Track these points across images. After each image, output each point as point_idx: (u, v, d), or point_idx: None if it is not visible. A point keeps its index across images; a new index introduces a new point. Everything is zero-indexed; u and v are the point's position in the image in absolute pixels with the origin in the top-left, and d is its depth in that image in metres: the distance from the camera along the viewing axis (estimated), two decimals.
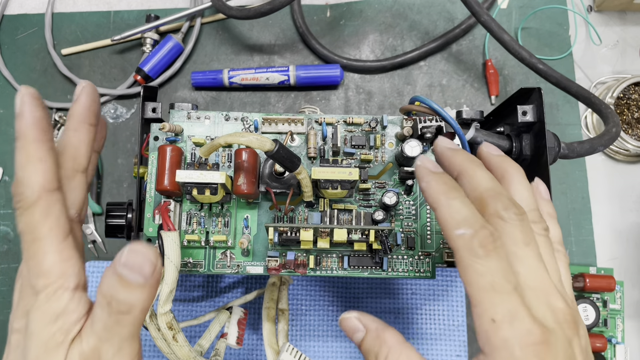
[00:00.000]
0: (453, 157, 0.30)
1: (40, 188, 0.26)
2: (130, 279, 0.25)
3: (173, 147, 0.36)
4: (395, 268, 0.38)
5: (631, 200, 0.54)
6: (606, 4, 0.57)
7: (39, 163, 0.26)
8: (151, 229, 0.37)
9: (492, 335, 0.25)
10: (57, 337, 0.25)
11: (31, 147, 0.26)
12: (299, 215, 0.38)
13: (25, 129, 0.26)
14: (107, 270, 0.25)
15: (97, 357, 0.25)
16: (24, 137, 0.26)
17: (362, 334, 0.30)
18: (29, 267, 0.26)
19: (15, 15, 0.58)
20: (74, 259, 0.26)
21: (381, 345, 0.29)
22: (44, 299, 0.25)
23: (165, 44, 0.55)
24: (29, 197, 0.25)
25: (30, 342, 0.25)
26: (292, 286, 0.51)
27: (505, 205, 0.27)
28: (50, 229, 0.26)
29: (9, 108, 0.56)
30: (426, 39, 0.58)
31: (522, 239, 0.27)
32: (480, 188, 0.28)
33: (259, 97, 0.56)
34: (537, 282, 0.27)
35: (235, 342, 0.43)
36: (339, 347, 0.50)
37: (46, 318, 0.25)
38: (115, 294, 0.25)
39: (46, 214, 0.26)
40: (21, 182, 0.26)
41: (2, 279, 0.53)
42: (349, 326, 0.31)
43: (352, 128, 0.39)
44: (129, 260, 0.25)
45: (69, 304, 0.26)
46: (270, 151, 0.32)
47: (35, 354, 0.25)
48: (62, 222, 0.26)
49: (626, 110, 0.54)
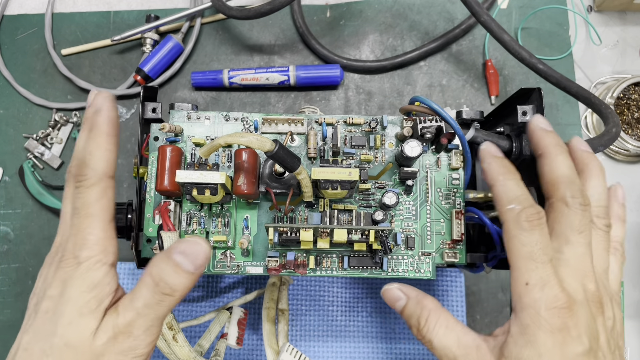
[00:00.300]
0: (543, 137, 0.33)
1: (103, 173, 0.30)
2: (184, 265, 0.29)
3: (173, 147, 0.36)
4: (395, 268, 0.38)
5: (631, 200, 0.54)
6: (606, 4, 0.57)
7: (106, 152, 0.30)
8: (151, 229, 0.37)
9: (524, 296, 0.29)
10: (91, 304, 0.28)
11: (102, 138, 0.30)
12: (299, 216, 0.38)
13: (101, 123, 0.30)
14: (160, 256, 0.29)
15: (129, 331, 0.28)
16: (97, 128, 0.30)
17: (403, 302, 0.34)
18: (75, 240, 0.29)
19: (15, 15, 0.58)
20: (114, 239, 0.30)
21: (422, 309, 0.33)
22: (85, 269, 0.29)
23: (165, 44, 0.55)
24: (92, 178, 0.29)
25: (65, 307, 0.28)
26: (292, 286, 0.51)
27: (574, 193, 0.31)
28: (102, 209, 0.30)
29: (9, 108, 0.56)
30: (426, 39, 0.58)
31: (577, 226, 0.31)
32: (558, 172, 0.32)
33: (259, 97, 0.56)
34: (576, 264, 0.30)
35: (235, 343, 0.43)
36: (339, 347, 0.50)
37: (84, 286, 0.29)
38: (165, 276, 0.29)
39: (101, 196, 0.30)
40: (87, 165, 0.30)
41: (2, 279, 0.53)
42: (391, 296, 0.35)
43: (352, 128, 0.39)
44: (186, 249, 0.29)
45: (105, 277, 0.29)
46: (270, 151, 0.32)
47: (69, 317, 0.28)
48: (111, 206, 0.31)
49: (626, 110, 0.54)
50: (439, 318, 0.32)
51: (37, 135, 0.55)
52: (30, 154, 0.55)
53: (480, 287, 0.53)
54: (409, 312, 0.34)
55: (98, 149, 0.30)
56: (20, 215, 0.54)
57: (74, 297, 0.28)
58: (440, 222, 0.38)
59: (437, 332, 0.32)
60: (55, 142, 0.56)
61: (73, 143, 0.56)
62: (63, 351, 0.28)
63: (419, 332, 0.33)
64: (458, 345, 0.31)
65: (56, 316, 0.28)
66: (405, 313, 0.34)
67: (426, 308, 0.33)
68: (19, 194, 0.55)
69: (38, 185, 0.54)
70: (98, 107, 0.31)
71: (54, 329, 0.28)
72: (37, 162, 0.55)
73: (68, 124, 0.56)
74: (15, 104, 0.56)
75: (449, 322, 0.32)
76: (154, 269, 0.29)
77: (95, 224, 0.29)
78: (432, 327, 0.32)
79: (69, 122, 0.56)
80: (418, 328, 0.33)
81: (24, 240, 0.54)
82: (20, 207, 0.55)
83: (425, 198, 0.39)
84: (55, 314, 0.29)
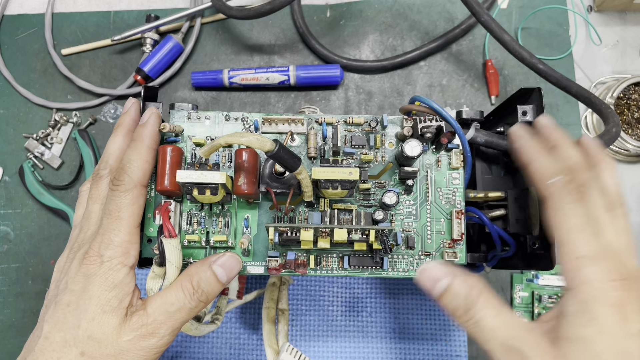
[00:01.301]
0: (554, 131, 0.33)
1: (138, 181, 0.33)
2: (220, 276, 0.33)
3: (173, 147, 0.36)
4: (395, 268, 0.38)
5: (631, 200, 0.54)
6: (606, 4, 0.57)
7: (145, 163, 0.33)
8: (152, 229, 0.37)
9: (579, 270, 0.28)
10: (113, 302, 0.31)
11: (144, 149, 0.34)
12: (299, 215, 0.38)
13: (144, 135, 0.34)
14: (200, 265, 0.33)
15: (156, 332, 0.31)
16: (141, 140, 0.34)
17: (446, 282, 0.31)
18: (102, 239, 0.31)
19: (15, 15, 0.58)
20: (137, 244, 0.33)
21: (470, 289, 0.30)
22: (107, 268, 0.31)
23: (165, 44, 0.55)
24: (128, 184, 0.32)
25: (89, 303, 0.30)
26: (292, 286, 0.51)
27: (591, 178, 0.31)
28: (131, 215, 0.32)
29: (9, 108, 0.56)
30: (426, 39, 0.58)
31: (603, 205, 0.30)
32: (573, 160, 0.31)
33: (259, 97, 0.56)
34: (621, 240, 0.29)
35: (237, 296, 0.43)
36: (339, 347, 0.50)
37: (106, 284, 0.31)
38: (204, 284, 0.32)
39: (133, 202, 0.32)
40: (125, 172, 0.32)
41: (2, 278, 0.53)
42: (429, 276, 0.32)
43: (352, 128, 0.39)
44: (225, 262, 0.33)
45: (125, 278, 0.31)
46: (270, 151, 0.32)
47: (93, 313, 0.30)
48: (140, 213, 0.33)
49: (626, 110, 0.54)
50: (490, 299, 0.30)
51: (37, 135, 0.55)
52: (30, 154, 0.55)
53: None
54: (455, 291, 0.31)
55: (139, 159, 0.33)
56: (20, 215, 0.54)
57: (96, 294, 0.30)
58: (441, 221, 0.38)
59: (487, 313, 0.29)
60: (55, 142, 0.56)
61: (73, 143, 0.56)
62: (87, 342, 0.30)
63: (467, 313, 0.30)
64: (510, 327, 0.29)
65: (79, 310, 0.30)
66: (450, 293, 0.31)
67: (475, 287, 0.30)
68: (19, 194, 0.55)
69: (38, 185, 0.54)
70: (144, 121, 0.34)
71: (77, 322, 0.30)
72: (37, 162, 0.55)
73: (68, 124, 0.56)
74: (15, 103, 0.56)
75: (499, 303, 0.30)
76: (195, 276, 0.32)
77: (123, 227, 0.32)
78: (482, 308, 0.30)
79: (69, 122, 0.56)
80: (465, 309, 0.30)
81: (24, 240, 0.54)
82: (20, 207, 0.55)
83: (426, 198, 0.39)
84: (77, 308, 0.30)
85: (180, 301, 0.32)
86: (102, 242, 0.31)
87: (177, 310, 0.31)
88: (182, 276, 0.33)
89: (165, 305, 0.31)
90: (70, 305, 0.31)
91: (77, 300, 0.31)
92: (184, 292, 0.32)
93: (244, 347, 0.50)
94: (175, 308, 0.31)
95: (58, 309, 0.31)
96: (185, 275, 0.32)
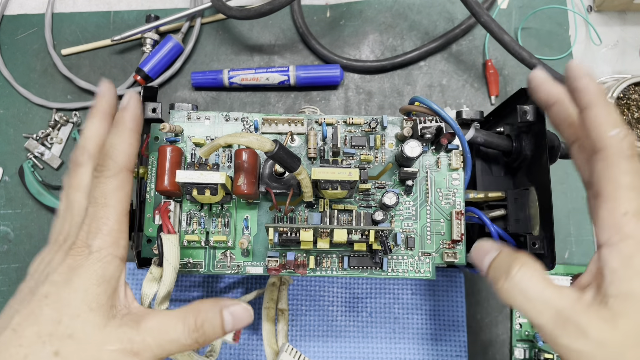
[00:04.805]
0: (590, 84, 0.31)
1: (123, 165, 0.31)
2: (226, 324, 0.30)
3: (173, 147, 0.36)
4: (395, 268, 0.38)
5: None
6: (606, 4, 0.57)
7: (129, 147, 0.31)
8: (151, 229, 0.37)
9: (624, 225, 0.27)
10: (101, 298, 0.28)
11: (127, 133, 0.31)
12: (299, 216, 0.38)
13: (126, 119, 0.32)
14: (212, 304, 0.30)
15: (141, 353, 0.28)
16: (123, 124, 0.32)
17: (494, 253, 0.31)
18: (89, 228, 0.29)
19: (15, 15, 0.58)
20: (126, 233, 0.30)
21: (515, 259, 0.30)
22: (95, 259, 0.28)
23: (165, 44, 0.55)
24: (112, 169, 0.30)
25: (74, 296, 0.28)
26: (292, 286, 0.51)
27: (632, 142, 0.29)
28: (118, 201, 0.30)
29: (9, 108, 0.56)
30: (426, 39, 0.58)
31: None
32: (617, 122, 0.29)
33: (259, 97, 0.56)
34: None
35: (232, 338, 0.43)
36: (339, 347, 0.50)
37: (94, 277, 0.28)
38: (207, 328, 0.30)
39: (120, 187, 0.30)
40: (109, 157, 0.30)
41: (2, 279, 0.53)
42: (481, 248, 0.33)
43: (352, 128, 0.39)
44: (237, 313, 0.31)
45: (115, 271, 0.29)
46: (270, 151, 0.32)
47: (78, 308, 0.27)
48: (127, 199, 0.31)
49: (626, 110, 0.54)
50: (536, 269, 0.29)
51: (37, 135, 0.55)
52: (30, 154, 0.55)
53: (480, 287, 0.52)
54: (500, 261, 0.31)
55: (122, 143, 0.31)
56: (20, 215, 0.54)
57: (82, 287, 0.28)
58: (440, 222, 0.38)
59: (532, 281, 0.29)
60: (55, 142, 0.56)
61: (73, 143, 0.56)
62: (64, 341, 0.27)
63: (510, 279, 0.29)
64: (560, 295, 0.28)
65: (60, 304, 0.27)
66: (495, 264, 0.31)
67: (519, 259, 0.30)
68: (19, 194, 0.55)
69: (38, 185, 0.54)
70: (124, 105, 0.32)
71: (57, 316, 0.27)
72: (37, 162, 0.55)
73: (68, 124, 0.56)
74: (15, 104, 0.56)
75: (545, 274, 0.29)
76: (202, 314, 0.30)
77: (111, 215, 0.29)
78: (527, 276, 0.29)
79: (69, 122, 0.56)
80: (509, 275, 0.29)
81: (24, 240, 0.54)
82: (20, 207, 0.55)
83: (425, 198, 0.39)
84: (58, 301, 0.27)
85: (176, 333, 0.29)
86: (89, 231, 0.29)
87: (169, 341, 0.29)
88: (189, 309, 0.30)
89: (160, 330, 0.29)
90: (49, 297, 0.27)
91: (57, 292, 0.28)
92: (184, 326, 0.29)
93: (244, 347, 0.50)
94: (169, 338, 0.29)
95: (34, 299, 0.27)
96: (191, 310, 0.30)
